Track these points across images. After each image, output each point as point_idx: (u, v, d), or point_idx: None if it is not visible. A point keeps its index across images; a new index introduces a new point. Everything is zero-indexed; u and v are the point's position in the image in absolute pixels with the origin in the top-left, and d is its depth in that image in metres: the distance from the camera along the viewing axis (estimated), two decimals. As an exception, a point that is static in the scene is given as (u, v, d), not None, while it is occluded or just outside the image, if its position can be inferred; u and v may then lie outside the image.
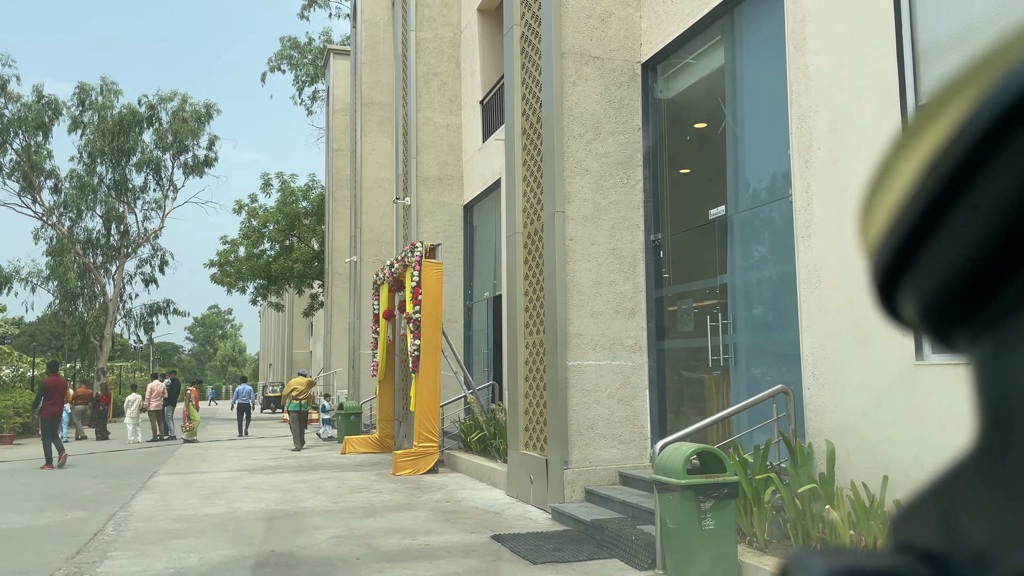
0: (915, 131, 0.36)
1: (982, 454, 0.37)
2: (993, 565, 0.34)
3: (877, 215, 0.38)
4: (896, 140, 0.37)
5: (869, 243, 0.40)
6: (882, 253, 0.38)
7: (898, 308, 0.41)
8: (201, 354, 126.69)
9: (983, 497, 0.36)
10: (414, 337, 11.91)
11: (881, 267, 0.39)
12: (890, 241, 0.38)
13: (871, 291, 0.41)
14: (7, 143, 31.68)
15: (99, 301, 33.23)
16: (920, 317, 0.39)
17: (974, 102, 0.32)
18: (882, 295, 0.41)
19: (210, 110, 35.32)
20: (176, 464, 13.65)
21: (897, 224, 0.37)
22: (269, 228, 33.34)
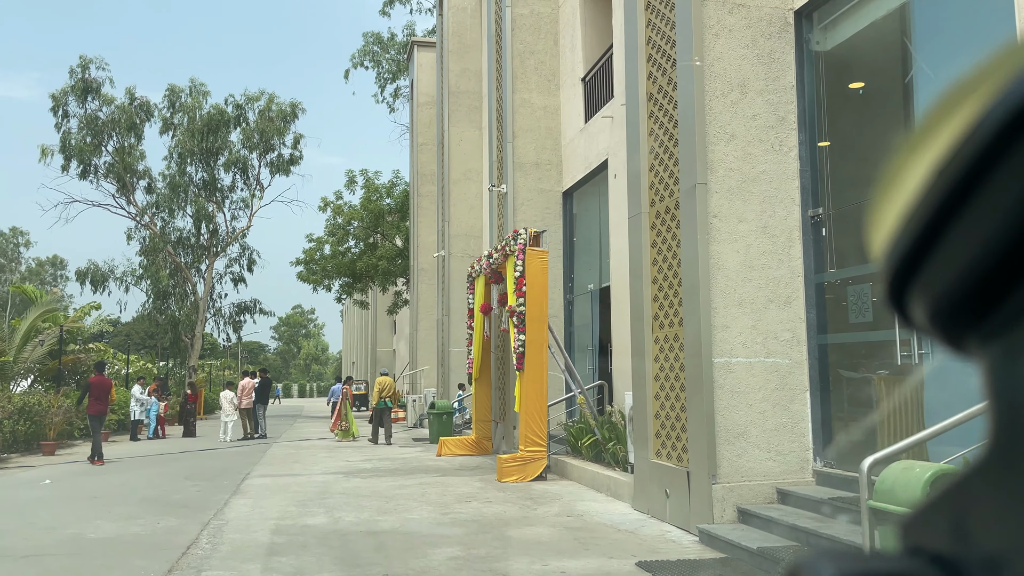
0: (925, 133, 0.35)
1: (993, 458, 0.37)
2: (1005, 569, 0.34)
3: (888, 217, 0.38)
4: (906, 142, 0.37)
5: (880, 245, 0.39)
6: (893, 255, 0.38)
7: (909, 310, 0.40)
8: (286, 353, 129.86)
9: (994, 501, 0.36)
10: (518, 332, 10.95)
11: (891, 269, 0.39)
12: (900, 243, 0.37)
13: (882, 293, 0.41)
14: (102, 145, 32.43)
15: (190, 300, 33.70)
16: (931, 320, 0.39)
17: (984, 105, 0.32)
18: (893, 297, 0.40)
19: (295, 109, 35.41)
20: (269, 465, 13.10)
21: (907, 226, 0.37)
22: (354, 225, 33.16)
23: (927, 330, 0.41)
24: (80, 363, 22.22)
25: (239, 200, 35.17)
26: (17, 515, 8.37)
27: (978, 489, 0.38)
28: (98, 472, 12.70)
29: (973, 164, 0.33)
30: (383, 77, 37.45)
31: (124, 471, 12.72)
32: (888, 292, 0.41)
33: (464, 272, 21.35)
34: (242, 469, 12.59)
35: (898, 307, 0.41)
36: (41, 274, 70.41)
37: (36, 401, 16.46)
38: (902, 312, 0.41)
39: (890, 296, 0.41)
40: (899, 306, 0.41)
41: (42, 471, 12.92)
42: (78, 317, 23.11)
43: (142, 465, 13.70)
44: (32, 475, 12.35)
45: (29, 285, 28.38)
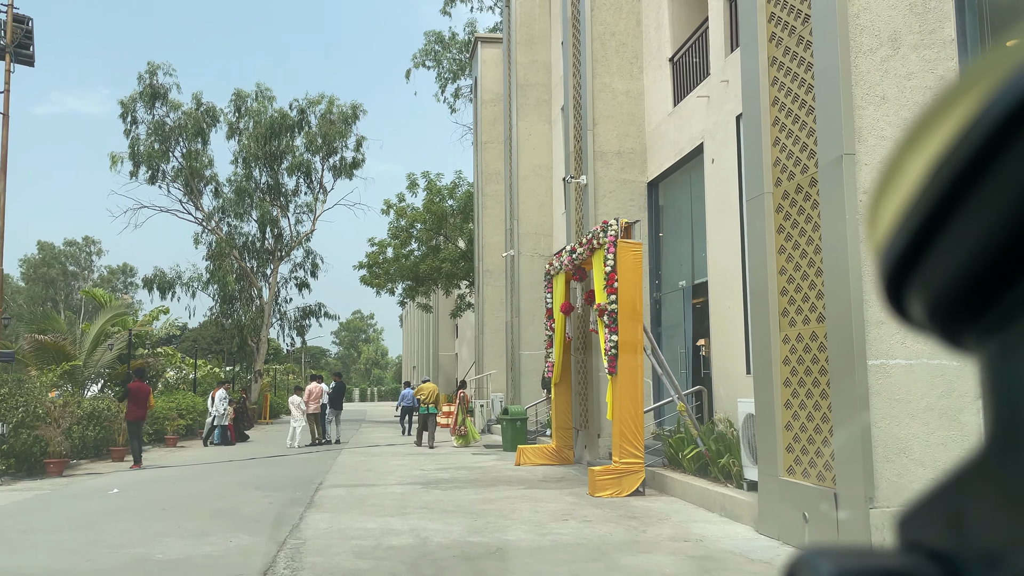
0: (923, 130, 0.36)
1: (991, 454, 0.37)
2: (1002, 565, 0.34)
3: (885, 214, 0.38)
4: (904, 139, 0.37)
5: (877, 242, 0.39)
6: (890, 253, 0.38)
7: (906, 308, 0.40)
8: (346, 357, 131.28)
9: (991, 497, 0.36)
10: (609, 332, 10.02)
11: (889, 267, 0.39)
12: (898, 241, 0.38)
13: (878, 291, 0.41)
14: (170, 151, 32.68)
15: (255, 304, 33.69)
16: (928, 317, 0.39)
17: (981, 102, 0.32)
18: (890, 295, 0.40)
19: (356, 110, 35.16)
20: (341, 473, 12.44)
21: (904, 224, 0.37)
22: (416, 228, 32.69)
23: (924, 327, 0.40)
24: (149, 367, 22.13)
25: (303, 204, 35.12)
26: (83, 529, 7.81)
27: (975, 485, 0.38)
28: (166, 480, 12.23)
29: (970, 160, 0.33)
30: (443, 77, 36.99)
31: (193, 479, 12.22)
32: (884, 289, 0.40)
33: (534, 272, 20.52)
34: (314, 478, 11.95)
35: (895, 304, 0.41)
36: (112, 281, 72.33)
37: (105, 406, 16.22)
38: (899, 309, 0.41)
39: (886, 293, 0.40)
40: (896, 303, 0.41)
41: (110, 479, 12.52)
42: (146, 321, 23.07)
43: (211, 473, 13.21)
44: (100, 483, 11.94)
45: (99, 289, 28.65)
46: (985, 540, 0.36)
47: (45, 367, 17.33)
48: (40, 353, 18.49)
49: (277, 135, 33.18)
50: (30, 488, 11.36)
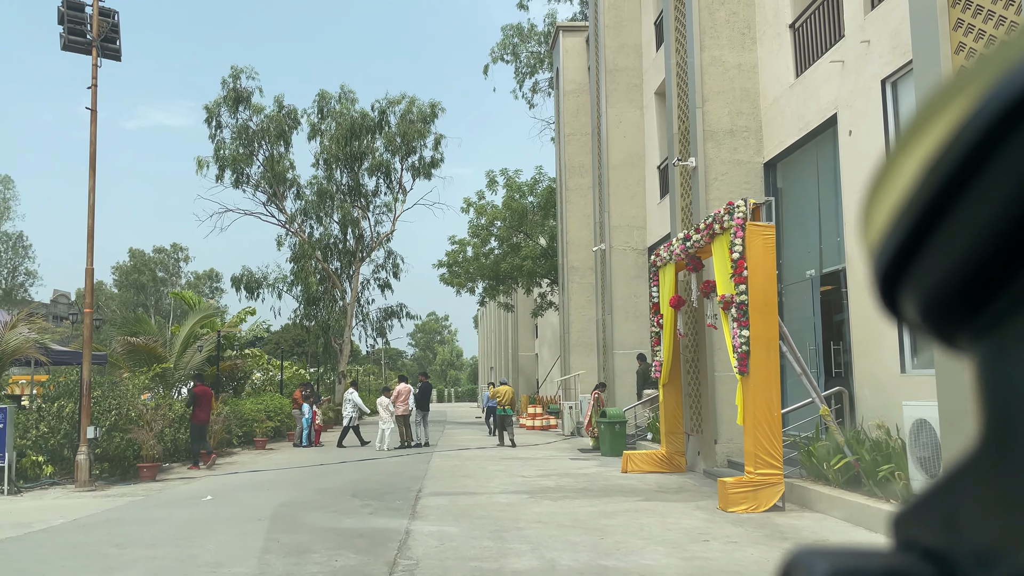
0: (916, 130, 0.36)
1: (985, 453, 0.37)
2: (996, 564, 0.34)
3: (879, 214, 0.38)
4: (897, 139, 0.37)
5: (871, 242, 0.39)
6: (883, 252, 0.38)
7: (900, 308, 0.40)
8: (422, 359, 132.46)
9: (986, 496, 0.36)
10: (738, 327, 8.96)
11: (882, 266, 0.39)
12: (891, 240, 0.38)
13: (872, 290, 0.41)
14: (254, 155, 32.93)
15: (338, 306, 33.65)
16: (922, 317, 0.39)
17: (973, 102, 0.32)
18: (884, 294, 0.40)
19: (435, 109, 34.75)
20: (438, 480, 11.73)
21: (898, 223, 0.37)
22: (496, 226, 32.04)
23: (918, 327, 0.40)
24: (237, 369, 22.06)
25: (382, 205, 34.92)
26: (179, 543, 7.25)
27: (970, 484, 0.38)
28: (260, 486, 11.76)
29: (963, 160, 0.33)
30: (521, 72, 36.28)
31: (287, 485, 11.70)
32: (878, 289, 0.40)
33: (626, 266, 19.48)
34: (410, 485, 11.27)
35: (889, 304, 0.41)
36: (199, 286, 74.47)
37: (197, 408, 15.99)
38: (893, 309, 0.41)
39: (880, 293, 0.40)
40: (890, 303, 0.40)
41: (203, 484, 12.13)
42: (234, 323, 23.05)
43: (304, 478, 12.71)
44: (193, 489, 11.55)
45: (188, 292, 29.00)
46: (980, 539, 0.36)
47: (137, 369, 17.27)
48: (132, 356, 18.50)
49: (358, 136, 33.05)
50: (123, 494, 11.04)
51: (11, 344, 13.21)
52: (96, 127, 12.05)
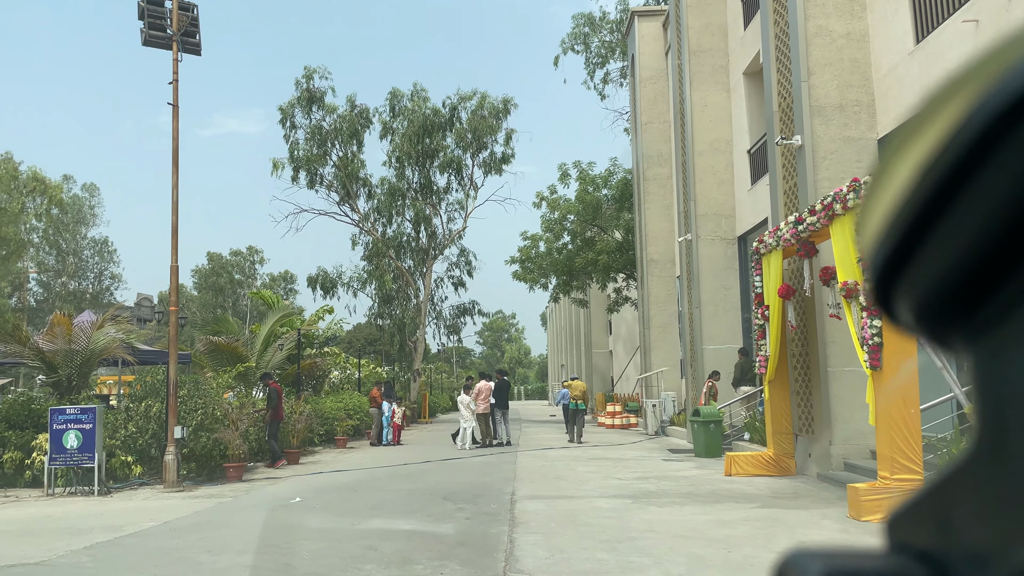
0: (912, 132, 0.36)
1: (978, 455, 0.37)
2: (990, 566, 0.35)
3: (874, 215, 0.38)
4: (893, 140, 0.37)
5: (866, 244, 0.39)
6: (878, 254, 0.38)
7: (895, 309, 0.40)
8: (490, 357, 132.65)
9: (979, 498, 0.36)
10: (869, 316, 8.08)
11: (877, 268, 0.39)
12: (886, 242, 0.38)
13: (867, 292, 0.41)
14: (327, 155, 33.08)
15: (412, 304, 33.53)
16: (916, 318, 0.39)
17: (969, 104, 0.32)
18: (879, 296, 0.40)
19: (507, 104, 34.29)
20: (530, 482, 11.15)
21: (893, 225, 0.37)
22: (569, 220, 31.34)
23: (913, 329, 0.40)
24: (316, 368, 21.99)
25: (454, 202, 34.64)
26: (272, 551, 6.86)
27: (964, 486, 0.38)
28: (347, 487, 11.40)
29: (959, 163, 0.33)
30: (592, 62, 35.52)
31: (374, 486, 11.31)
32: (874, 290, 0.40)
33: (714, 257, 18.52)
34: (502, 487, 10.73)
35: (884, 305, 0.40)
36: (274, 288, 75.98)
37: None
38: (888, 310, 0.41)
39: (876, 294, 0.40)
40: (885, 304, 0.40)
41: (289, 485, 11.86)
42: (312, 321, 23.03)
43: (390, 478, 12.31)
44: (280, 490, 11.27)
45: (267, 291, 29.27)
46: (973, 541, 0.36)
47: (220, 369, 17.27)
48: (214, 355, 18.57)
49: (430, 133, 32.83)
50: (211, 495, 10.83)
51: (99, 343, 13.23)
52: (178, 122, 11.92)
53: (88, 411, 10.86)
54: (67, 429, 10.77)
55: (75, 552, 6.96)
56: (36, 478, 11.45)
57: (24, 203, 49.49)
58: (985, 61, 0.33)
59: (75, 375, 13.07)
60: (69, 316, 13.52)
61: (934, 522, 0.40)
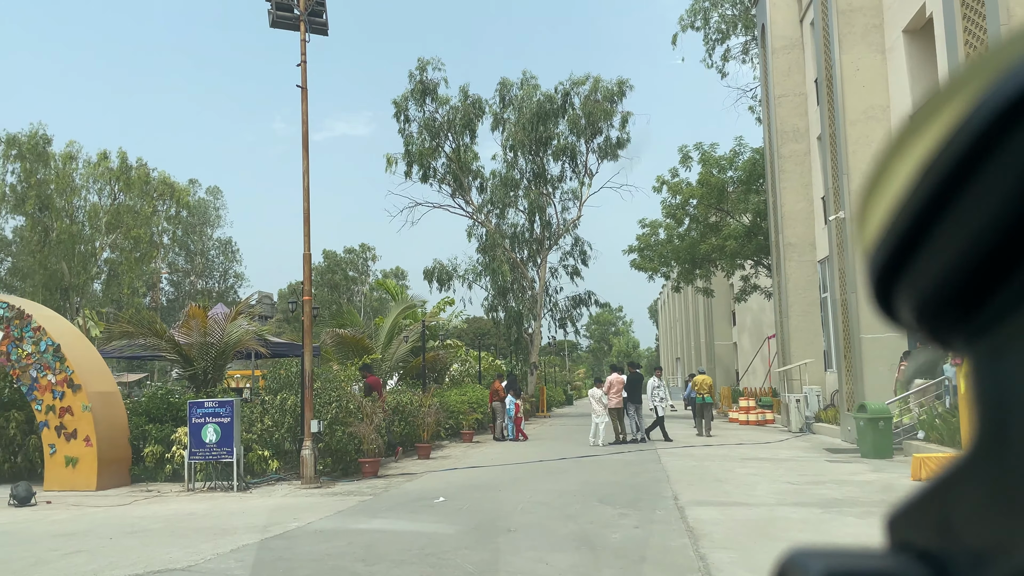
0: (912, 131, 0.36)
1: (979, 455, 0.37)
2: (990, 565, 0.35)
3: (874, 215, 0.39)
4: (893, 139, 0.37)
5: (866, 243, 0.40)
6: (878, 254, 0.39)
7: (895, 309, 0.40)
8: (597, 351, 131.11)
9: (980, 498, 0.36)
10: None
11: (877, 268, 0.39)
12: (886, 242, 0.38)
13: (867, 292, 0.41)
14: (440, 147, 32.82)
15: (527, 295, 32.84)
16: (917, 318, 0.40)
17: (970, 103, 0.33)
18: (879, 296, 0.40)
19: (622, 87, 33.02)
20: (687, 484, 10.07)
21: (893, 224, 0.37)
22: (692, 205, 29.77)
23: (913, 329, 0.40)
24: (439, 360, 21.58)
25: (568, 190, 33.69)
26: (428, 560, 6.11)
27: (964, 486, 0.38)
28: (486, 486, 10.67)
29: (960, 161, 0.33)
30: (711, 39, 33.72)
31: (515, 485, 10.53)
32: (873, 290, 0.40)
33: (868, 238, 16.77)
34: (657, 489, 9.72)
35: (884, 305, 0.41)
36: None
37: (408, 400, 15.41)
38: (888, 310, 0.41)
39: (875, 294, 0.40)
40: (885, 304, 0.41)
41: (427, 482, 11.25)
42: (434, 313, 22.64)
43: (528, 476, 11.51)
44: (419, 488, 10.66)
45: (390, 280, 29.25)
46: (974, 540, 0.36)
47: (347, 361, 17.01)
48: (340, 347, 18.38)
49: (543, 120, 32.01)
50: (350, 492, 10.33)
51: (232, 336, 13.08)
52: (307, 106, 11.50)
53: (226, 404, 10.59)
54: (205, 423, 10.53)
55: (222, 556, 6.47)
56: (176, 472, 11.33)
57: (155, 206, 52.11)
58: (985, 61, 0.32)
59: (210, 368, 12.95)
60: (204, 308, 13.46)
61: (934, 521, 0.39)
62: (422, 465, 13.69)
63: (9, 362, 11.12)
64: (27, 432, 11.64)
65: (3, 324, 11.14)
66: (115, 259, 43.95)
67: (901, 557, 0.40)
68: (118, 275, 43.49)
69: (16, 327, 11.12)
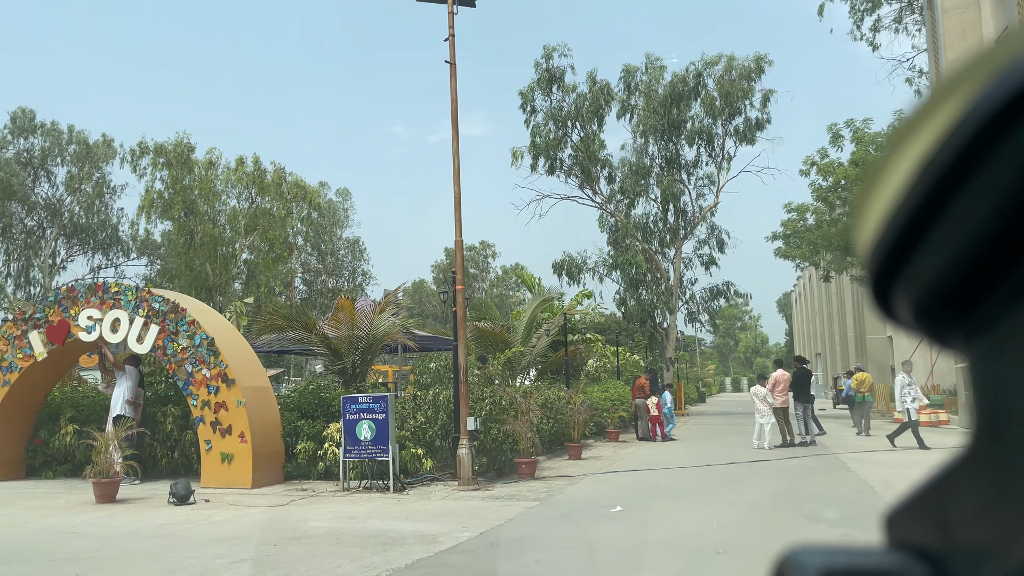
0: (910, 129, 0.36)
1: (976, 453, 0.37)
2: (988, 564, 0.35)
3: (872, 213, 0.39)
4: (892, 137, 0.38)
5: (864, 242, 0.40)
6: (877, 252, 0.39)
7: (893, 308, 0.40)
8: (723, 347, 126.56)
9: (977, 496, 0.36)
10: None
11: (876, 266, 0.39)
12: (885, 240, 0.38)
13: (866, 290, 0.41)
14: (567, 137, 31.84)
15: (661, 287, 31.35)
16: (914, 317, 0.40)
17: (968, 101, 0.33)
18: (877, 294, 0.41)
19: (760, 63, 30.94)
20: (904, 499, 8.58)
21: (891, 223, 0.37)
22: (844, 187, 27.36)
23: (912, 327, 0.40)
24: (578, 355, 20.61)
25: (704, 176, 31.91)
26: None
27: (961, 484, 0.38)
28: (662, 493, 9.57)
29: (957, 160, 0.33)
30: (859, 9, 31.03)
31: (694, 495, 9.37)
32: (872, 288, 0.40)
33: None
34: (870, 503, 8.29)
35: (882, 303, 0.41)
36: (506, 280, 77.29)
37: (556, 396, 14.51)
38: (886, 308, 0.41)
39: (874, 292, 0.40)
40: (883, 302, 0.40)
41: (591, 485, 10.28)
42: (572, 306, 21.69)
43: (702, 483, 10.31)
44: (585, 492, 9.69)
45: (527, 271, 28.59)
46: (972, 538, 0.36)
47: (490, 357, 16.30)
48: (480, 342, 17.75)
49: (676, 103, 30.43)
50: (511, 496, 9.50)
51: (380, 328, 12.59)
52: (456, 82, 10.77)
53: (380, 399, 10.01)
54: (360, 419, 9.98)
55: (397, 572, 5.71)
56: (328, 470, 10.88)
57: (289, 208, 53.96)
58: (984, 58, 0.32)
59: (358, 361, 12.50)
60: (352, 300, 13.05)
61: (933, 519, 0.39)
62: (575, 466, 12.75)
63: (165, 356, 11.01)
64: (183, 427, 11.54)
65: (159, 318, 11.05)
66: (253, 260, 45.68)
67: (899, 555, 0.39)
68: (255, 275, 45.15)
69: (171, 321, 11.00)
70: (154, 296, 11.28)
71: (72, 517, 8.49)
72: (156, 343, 11.03)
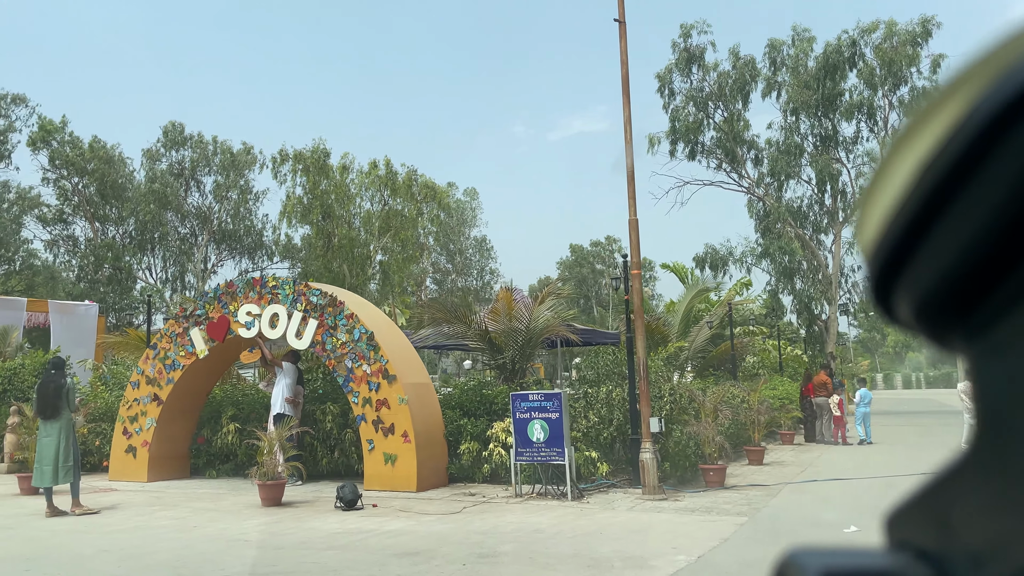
0: (912, 130, 0.36)
1: (978, 454, 0.37)
2: (989, 565, 0.35)
3: (874, 214, 0.39)
4: (893, 138, 0.38)
5: (865, 243, 0.40)
6: (878, 253, 0.39)
7: (894, 308, 0.41)
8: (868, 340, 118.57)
9: (978, 497, 0.37)
10: None
11: (877, 267, 0.39)
12: (886, 241, 0.38)
13: (867, 291, 0.41)
14: (709, 118, 30.00)
15: (818, 276, 28.93)
16: (915, 317, 0.40)
17: (969, 103, 0.33)
18: (878, 295, 0.41)
19: (926, 26, 27.94)
20: None
21: (893, 224, 0.37)
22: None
23: (912, 328, 0.40)
24: (740, 349, 18.99)
25: (864, 153, 29.19)
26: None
27: (962, 485, 0.38)
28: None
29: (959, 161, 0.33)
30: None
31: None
32: (873, 289, 0.40)
33: None
34: None
35: (883, 304, 0.41)
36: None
37: (731, 395, 13.10)
38: (887, 309, 0.41)
39: (875, 293, 0.41)
40: (884, 303, 0.41)
41: (792, 497, 8.89)
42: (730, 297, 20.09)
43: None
44: (792, 505, 8.33)
45: (678, 263, 27.14)
46: (973, 539, 0.36)
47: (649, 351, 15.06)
48: (634, 335, 16.50)
49: (830, 75, 27.98)
50: (707, 508, 8.28)
51: (539, 321, 11.66)
52: (626, 43, 9.67)
53: (553, 397, 9.05)
54: (531, 419, 9.06)
55: (621, 606, 4.66)
56: (493, 472, 10.05)
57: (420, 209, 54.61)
58: (985, 60, 0.33)
59: (517, 356, 11.63)
60: (510, 291, 12.21)
61: (934, 520, 0.39)
62: (761, 473, 11.33)
63: (324, 352, 10.54)
64: (342, 426, 11.05)
65: (317, 312, 10.60)
66: (386, 261, 46.33)
67: (900, 556, 0.39)
68: (389, 275, 45.74)
69: (330, 315, 10.51)
70: (311, 289, 10.85)
71: (240, 522, 8.02)
72: (315, 338, 10.57)
